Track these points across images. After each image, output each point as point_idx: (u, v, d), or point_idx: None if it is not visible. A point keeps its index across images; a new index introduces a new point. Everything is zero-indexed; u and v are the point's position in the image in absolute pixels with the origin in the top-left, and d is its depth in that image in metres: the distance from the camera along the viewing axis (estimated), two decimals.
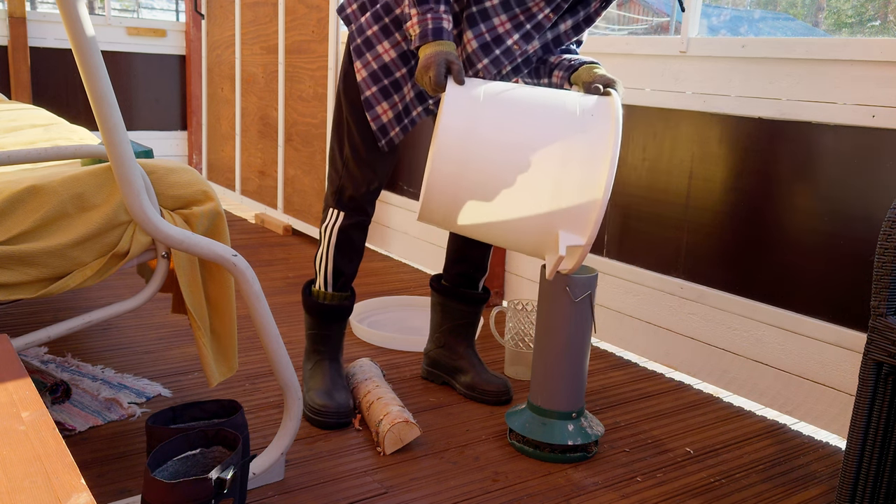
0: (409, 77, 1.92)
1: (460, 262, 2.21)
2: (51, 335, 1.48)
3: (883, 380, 1.39)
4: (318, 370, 2.04)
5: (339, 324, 2.07)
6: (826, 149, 2.05)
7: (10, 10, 4.27)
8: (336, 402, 1.96)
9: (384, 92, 1.91)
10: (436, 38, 1.73)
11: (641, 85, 2.49)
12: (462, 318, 2.23)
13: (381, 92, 1.91)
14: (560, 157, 1.61)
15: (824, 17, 13.18)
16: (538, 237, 1.65)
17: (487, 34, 1.84)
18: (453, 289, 2.22)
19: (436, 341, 2.26)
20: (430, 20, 1.73)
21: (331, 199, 2.03)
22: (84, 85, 1.20)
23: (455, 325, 2.23)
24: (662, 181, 2.46)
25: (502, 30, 1.84)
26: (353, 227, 2.01)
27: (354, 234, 2.02)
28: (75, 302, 2.76)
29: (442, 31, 1.73)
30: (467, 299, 2.22)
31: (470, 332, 2.25)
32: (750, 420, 2.15)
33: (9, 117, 2.53)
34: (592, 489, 1.75)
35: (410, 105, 1.94)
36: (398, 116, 1.94)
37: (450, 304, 2.22)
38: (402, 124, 1.95)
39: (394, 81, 1.91)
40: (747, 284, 2.25)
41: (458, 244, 2.22)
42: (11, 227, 1.41)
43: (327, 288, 2.04)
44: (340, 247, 2.02)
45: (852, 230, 2.00)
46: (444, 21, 1.74)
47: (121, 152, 1.29)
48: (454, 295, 2.22)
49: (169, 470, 1.27)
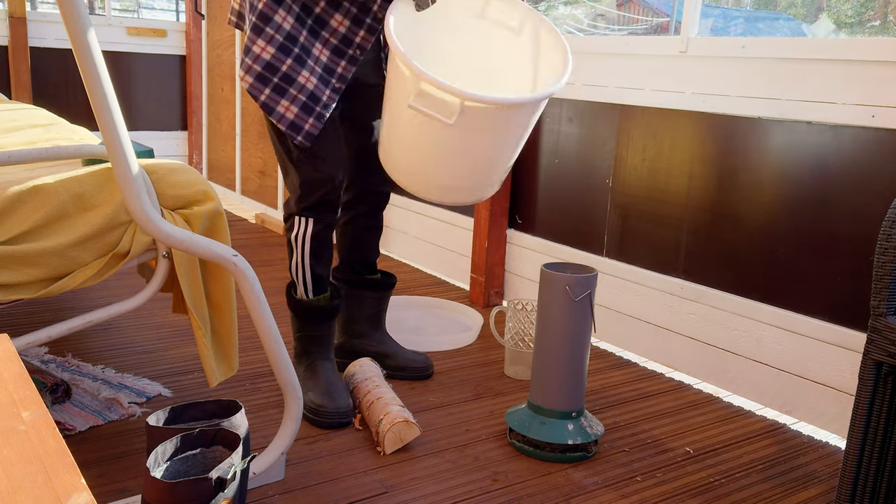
0: (299, 68, 1.85)
1: (357, 251, 2.26)
2: (51, 335, 1.48)
3: (883, 380, 1.39)
4: (314, 371, 2.05)
5: (330, 323, 2.09)
6: (826, 149, 2.05)
7: (10, 10, 4.27)
8: (335, 401, 1.96)
9: (279, 90, 1.85)
10: None
11: (641, 85, 2.49)
12: (374, 305, 2.29)
13: (276, 91, 1.85)
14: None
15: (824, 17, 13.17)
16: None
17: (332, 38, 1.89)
18: (359, 278, 2.27)
19: (351, 332, 2.30)
20: None
21: (294, 207, 1.98)
22: (84, 85, 1.20)
23: (369, 314, 2.29)
24: (662, 181, 2.46)
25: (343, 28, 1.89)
26: (324, 231, 2.00)
27: (326, 235, 2.01)
28: (75, 302, 2.76)
29: None
30: (375, 286, 2.28)
31: (382, 317, 2.33)
32: (750, 420, 2.15)
33: (9, 117, 2.53)
34: (592, 489, 1.75)
35: (317, 91, 1.88)
36: (305, 107, 1.87)
37: (359, 294, 2.27)
38: (315, 112, 1.88)
39: (283, 76, 1.85)
40: (747, 284, 2.25)
41: (352, 235, 2.26)
42: (12, 227, 1.41)
43: (309, 294, 2.05)
44: (315, 253, 2.00)
45: (852, 230, 2.00)
46: None
47: (121, 152, 1.29)
48: (361, 283, 2.27)
49: (169, 470, 1.27)
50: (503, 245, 3.03)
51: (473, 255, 3.05)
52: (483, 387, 2.27)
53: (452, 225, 3.31)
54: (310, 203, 1.95)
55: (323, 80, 1.89)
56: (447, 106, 1.63)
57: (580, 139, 2.73)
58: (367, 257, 2.28)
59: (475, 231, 3.03)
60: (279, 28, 1.83)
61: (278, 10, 1.83)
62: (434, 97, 1.64)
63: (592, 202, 2.70)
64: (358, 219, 2.23)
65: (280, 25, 1.83)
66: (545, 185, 2.88)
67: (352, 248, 2.27)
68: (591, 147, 2.69)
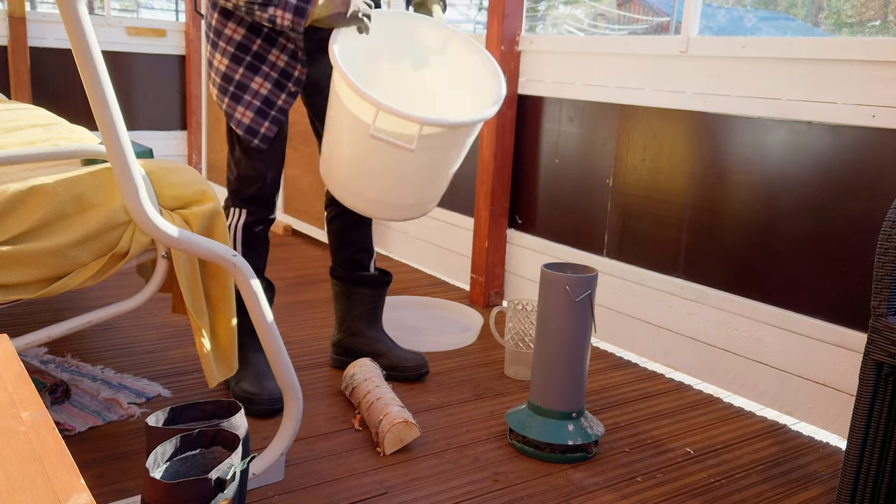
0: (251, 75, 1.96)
1: (345, 248, 2.29)
2: (51, 335, 1.48)
3: (883, 380, 1.39)
4: (246, 362, 2.06)
5: None
6: (826, 149, 2.05)
7: (10, 10, 4.26)
8: (267, 389, 1.99)
9: (235, 98, 1.98)
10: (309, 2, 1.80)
11: (641, 85, 2.49)
12: (369, 303, 2.30)
13: (233, 99, 1.99)
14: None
15: (824, 17, 13.18)
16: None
17: (272, 71, 1.98)
18: (351, 275, 2.29)
19: (346, 330, 2.32)
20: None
21: (230, 199, 2.09)
22: (84, 85, 1.20)
23: (363, 312, 2.30)
24: (662, 181, 2.46)
25: (281, 63, 1.98)
26: (255, 223, 2.08)
27: (257, 228, 2.09)
28: (75, 302, 2.76)
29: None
30: (370, 283, 2.29)
31: (378, 315, 2.33)
32: (750, 420, 2.15)
33: (9, 117, 2.52)
34: (592, 489, 1.75)
35: (271, 96, 1.99)
36: (260, 112, 1.99)
37: (354, 291, 2.29)
38: (271, 116, 1.99)
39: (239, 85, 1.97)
40: (747, 284, 2.25)
41: (337, 231, 2.29)
42: (11, 228, 1.41)
43: None
44: (247, 243, 2.08)
45: (852, 230, 2.00)
46: None
47: (121, 152, 1.29)
48: (356, 280, 2.29)
49: (168, 470, 1.27)
50: (503, 245, 3.03)
51: (473, 255, 3.05)
52: (483, 387, 2.27)
53: (452, 225, 3.31)
54: (244, 196, 2.07)
55: (278, 85, 1.99)
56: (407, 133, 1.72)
57: (580, 139, 2.73)
58: (355, 253, 2.29)
59: (475, 231, 3.03)
60: (230, 40, 1.96)
61: (227, 24, 1.96)
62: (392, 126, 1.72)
63: (592, 202, 2.70)
64: (341, 216, 2.27)
65: (231, 37, 1.96)
66: (545, 185, 2.87)
67: (339, 245, 2.30)
68: (591, 147, 2.69)
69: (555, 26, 15.01)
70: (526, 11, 2.92)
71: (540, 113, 2.86)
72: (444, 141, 1.81)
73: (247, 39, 1.95)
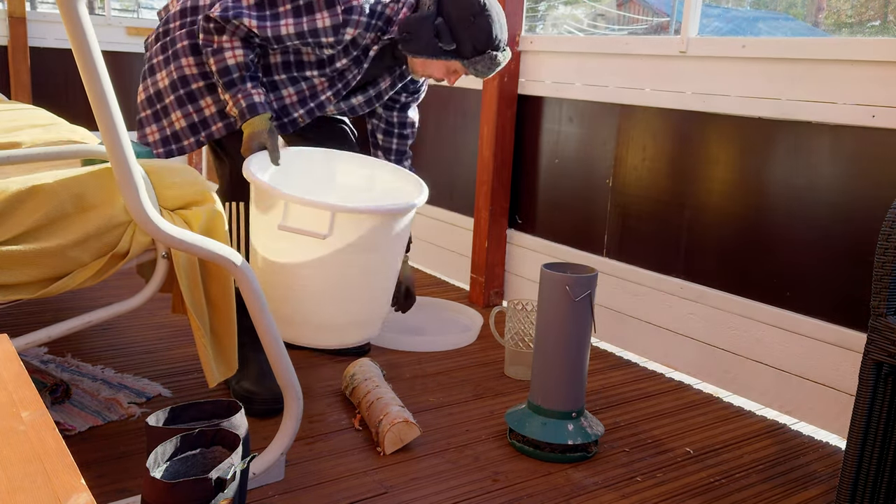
0: (178, 106, 2.04)
1: None
2: (51, 335, 1.48)
3: (883, 380, 1.39)
4: (246, 361, 2.07)
5: None
6: (826, 149, 2.05)
7: (10, 10, 4.26)
8: (269, 388, 2.00)
9: (156, 116, 2.06)
10: (252, 114, 1.91)
11: (641, 85, 2.49)
12: None
13: (155, 115, 2.06)
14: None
15: (824, 18, 13.18)
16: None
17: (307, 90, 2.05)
18: None
19: None
20: (241, 99, 1.91)
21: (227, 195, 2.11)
22: (84, 85, 1.20)
23: None
24: (662, 181, 2.46)
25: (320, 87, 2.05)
26: None
27: None
28: (75, 302, 2.76)
29: (255, 105, 1.91)
30: None
31: None
32: (750, 420, 2.15)
33: (9, 117, 2.52)
34: (592, 489, 1.75)
35: (180, 133, 2.06)
36: (165, 140, 2.06)
37: None
38: (198, 136, 2.07)
39: (165, 108, 2.05)
40: (747, 284, 2.25)
41: None
42: (11, 228, 1.41)
43: None
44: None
45: (852, 230, 2.00)
46: (255, 96, 1.92)
47: (121, 152, 1.29)
48: None
49: (169, 470, 1.27)
50: (503, 245, 3.03)
51: (473, 255, 3.05)
52: (483, 387, 2.27)
53: (452, 225, 3.31)
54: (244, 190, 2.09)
55: (192, 129, 2.07)
56: (319, 221, 1.72)
57: (580, 139, 2.73)
58: None
59: (475, 231, 3.03)
60: (180, 68, 2.03)
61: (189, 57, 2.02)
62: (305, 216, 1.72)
63: (592, 202, 2.70)
64: None
65: (182, 67, 2.03)
66: (545, 185, 2.88)
67: None
68: (591, 147, 2.69)
69: (555, 26, 15.02)
70: (526, 11, 2.92)
71: (540, 113, 2.86)
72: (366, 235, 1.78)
73: (192, 78, 2.02)
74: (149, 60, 2.10)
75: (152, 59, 2.08)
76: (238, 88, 1.91)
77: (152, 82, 2.07)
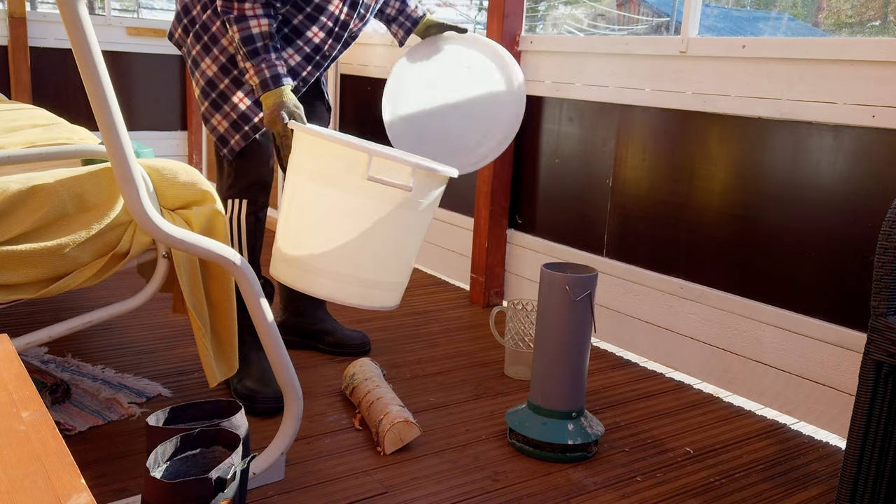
0: (235, 87, 2.03)
1: None
2: (51, 335, 1.48)
3: (883, 380, 1.39)
4: (248, 360, 2.07)
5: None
6: (826, 149, 2.05)
7: (10, 10, 4.26)
8: (271, 387, 2.00)
9: (214, 105, 2.04)
10: (276, 85, 1.90)
11: (641, 85, 2.49)
12: None
13: (212, 105, 2.05)
14: None
15: (824, 18, 13.17)
16: None
17: (306, 46, 2.04)
18: None
19: (293, 311, 2.41)
20: (265, 69, 1.90)
21: (227, 192, 2.10)
22: (84, 85, 1.20)
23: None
24: (662, 181, 2.46)
25: (317, 39, 2.05)
26: (260, 209, 2.11)
27: (261, 213, 2.12)
28: (75, 302, 2.76)
29: (279, 77, 1.91)
30: None
31: None
32: (750, 420, 2.15)
33: (9, 117, 2.52)
34: (592, 489, 1.75)
35: (249, 112, 2.04)
36: (234, 125, 2.04)
37: None
38: (243, 131, 2.04)
39: (220, 93, 2.04)
40: (747, 284, 2.25)
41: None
42: (11, 227, 1.41)
43: None
44: (251, 230, 2.10)
45: (852, 230, 2.00)
46: (279, 66, 1.91)
47: (121, 152, 1.29)
48: None
49: (169, 470, 1.27)
50: (503, 245, 3.03)
51: (473, 255, 3.05)
52: (483, 387, 2.27)
53: (452, 225, 3.31)
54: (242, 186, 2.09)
55: (258, 103, 2.03)
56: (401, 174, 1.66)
57: (580, 139, 2.73)
58: None
59: (475, 231, 3.03)
60: (224, 50, 2.02)
61: (226, 35, 2.01)
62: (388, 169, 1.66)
63: (592, 202, 2.70)
64: None
65: (225, 48, 2.01)
66: (545, 185, 2.88)
67: None
68: (591, 147, 2.69)
69: (555, 26, 15.02)
70: (526, 11, 2.92)
71: (540, 113, 2.86)
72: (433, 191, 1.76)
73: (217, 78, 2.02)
74: (188, 55, 2.08)
75: (191, 51, 2.06)
76: (262, 58, 1.90)
77: (200, 74, 2.05)
